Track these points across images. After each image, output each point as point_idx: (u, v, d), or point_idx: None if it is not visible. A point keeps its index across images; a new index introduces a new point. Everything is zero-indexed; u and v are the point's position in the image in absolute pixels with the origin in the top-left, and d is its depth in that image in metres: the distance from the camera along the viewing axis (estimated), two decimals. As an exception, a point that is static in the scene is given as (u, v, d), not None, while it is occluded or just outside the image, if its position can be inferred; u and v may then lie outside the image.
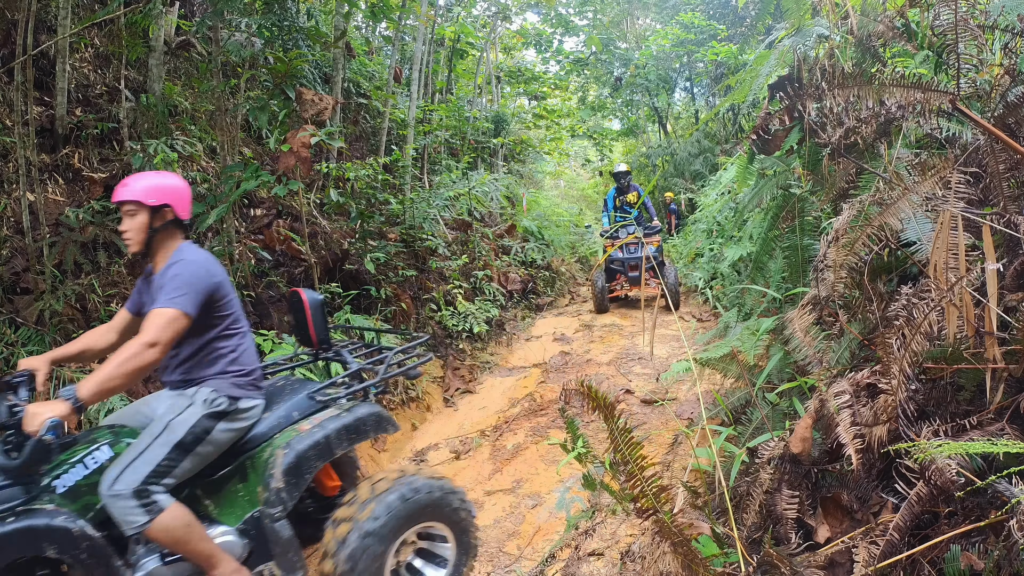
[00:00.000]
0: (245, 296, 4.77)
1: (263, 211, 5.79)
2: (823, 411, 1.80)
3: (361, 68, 9.25)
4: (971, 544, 1.42)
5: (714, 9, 17.54)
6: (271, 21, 4.97)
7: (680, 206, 14.48)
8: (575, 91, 19.56)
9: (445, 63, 11.87)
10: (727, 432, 2.39)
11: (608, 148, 21.97)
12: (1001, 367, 1.51)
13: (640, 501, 1.53)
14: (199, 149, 5.39)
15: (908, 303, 1.67)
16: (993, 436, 1.46)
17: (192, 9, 6.68)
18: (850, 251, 1.90)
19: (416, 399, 5.51)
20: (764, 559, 1.62)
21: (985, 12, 2.26)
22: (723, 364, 2.66)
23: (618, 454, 1.55)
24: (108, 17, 4.60)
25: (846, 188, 2.49)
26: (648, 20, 20.59)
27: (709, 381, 3.33)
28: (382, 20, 8.01)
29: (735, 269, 6.62)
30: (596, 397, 1.58)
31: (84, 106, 4.96)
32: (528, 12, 16.42)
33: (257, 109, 4.56)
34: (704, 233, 9.51)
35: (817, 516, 1.78)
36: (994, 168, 1.84)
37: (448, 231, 8.41)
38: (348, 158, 7.23)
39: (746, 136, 2.71)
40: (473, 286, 7.91)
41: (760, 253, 3.10)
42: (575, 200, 23.13)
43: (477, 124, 12.04)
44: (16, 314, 3.72)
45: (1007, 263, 1.71)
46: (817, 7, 3.40)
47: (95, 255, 4.32)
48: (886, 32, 2.94)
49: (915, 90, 1.79)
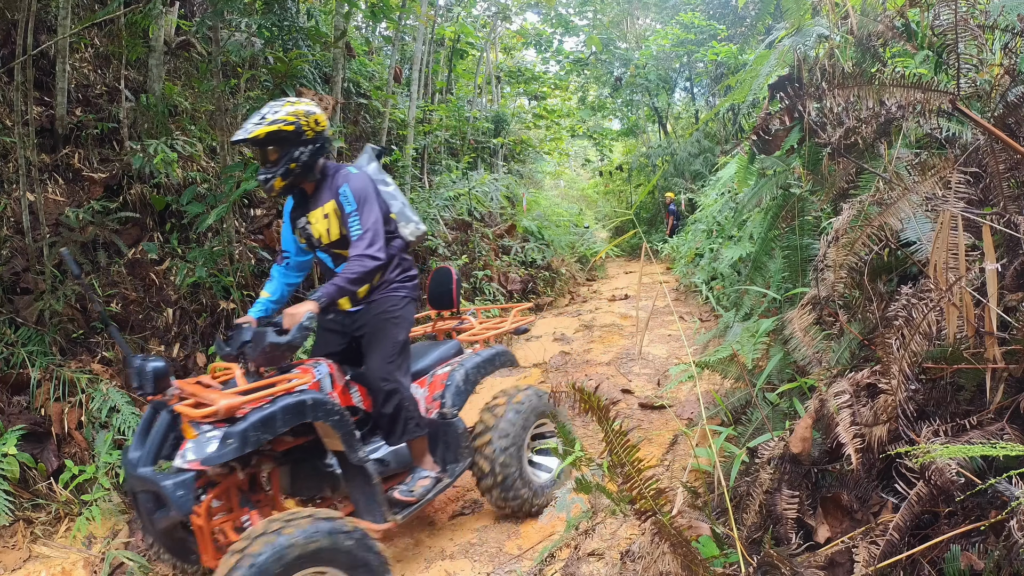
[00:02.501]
0: (245, 296, 4.77)
1: (263, 211, 5.79)
2: (823, 411, 1.80)
3: (361, 68, 9.25)
4: (971, 544, 1.42)
5: (714, 9, 17.54)
6: (271, 21, 4.97)
7: (680, 206, 14.47)
8: (575, 91, 19.57)
9: (445, 63, 11.86)
10: (727, 432, 2.39)
11: (608, 148, 21.97)
12: (1001, 367, 1.51)
13: (638, 503, 1.53)
14: (199, 149, 5.39)
15: (908, 303, 1.66)
16: (993, 436, 1.46)
17: (192, 9, 6.67)
18: (850, 251, 1.90)
19: (416, 399, 5.50)
20: (764, 559, 1.62)
21: (985, 12, 2.26)
22: (723, 365, 2.66)
23: (614, 456, 1.54)
24: (108, 17, 4.60)
25: (846, 188, 2.49)
26: (648, 20, 20.59)
27: (709, 381, 3.33)
28: (382, 20, 8.01)
29: (735, 269, 6.62)
30: (589, 399, 1.56)
31: (84, 106, 4.95)
32: (528, 12, 16.43)
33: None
34: (704, 233, 9.51)
35: (817, 516, 1.78)
36: (994, 168, 1.83)
37: (448, 231, 8.41)
38: (348, 158, 7.23)
39: (746, 136, 2.71)
40: (473, 286, 7.91)
41: (759, 253, 3.10)
42: (575, 200, 23.13)
43: (477, 124, 12.04)
44: (16, 314, 3.72)
45: (1007, 263, 1.70)
46: (817, 7, 3.40)
47: (95, 255, 4.32)
48: (886, 32, 2.94)
49: (915, 90, 1.79)
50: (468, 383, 3.07)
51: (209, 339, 4.53)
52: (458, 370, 3.07)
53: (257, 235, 5.55)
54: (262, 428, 2.14)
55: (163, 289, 4.55)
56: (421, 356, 3.17)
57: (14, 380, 3.50)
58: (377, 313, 2.77)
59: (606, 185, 23.29)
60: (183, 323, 4.50)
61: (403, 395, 2.70)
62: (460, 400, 3.01)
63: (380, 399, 2.68)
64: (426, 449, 2.90)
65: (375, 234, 2.54)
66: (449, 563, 3.00)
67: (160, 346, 4.28)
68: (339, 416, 2.40)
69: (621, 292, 10.51)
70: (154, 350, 4.23)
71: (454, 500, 3.77)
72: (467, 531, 3.28)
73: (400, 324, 2.78)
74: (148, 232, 4.76)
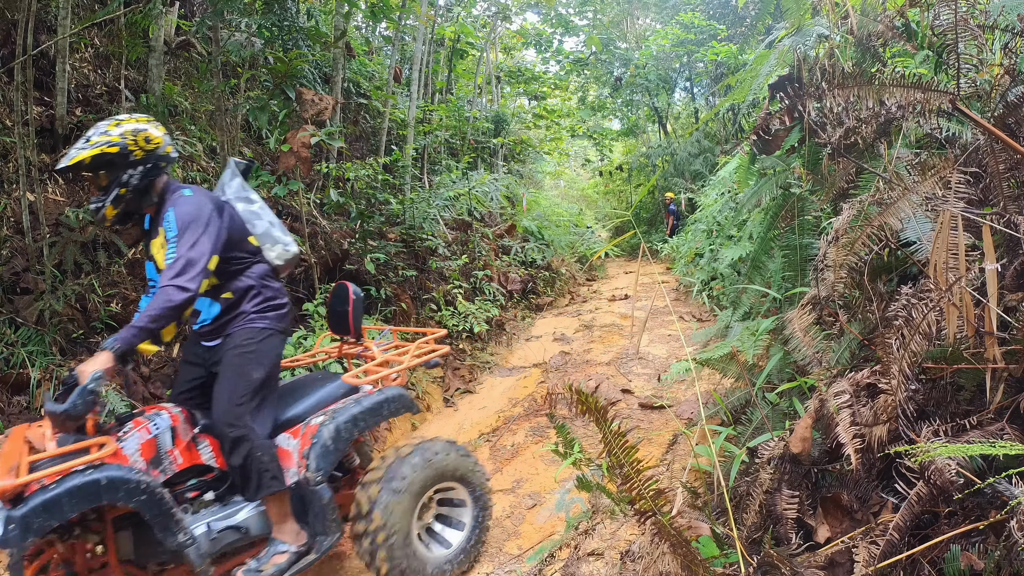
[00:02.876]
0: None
1: (263, 211, 5.78)
2: (823, 411, 1.80)
3: (361, 68, 9.25)
4: (971, 544, 1.42)
5: (714, 9, 17.55)
6: (271, 21, 4.97)
7: (680, 206, 14.47)
8: (575, 91, 19.57)
9: (445, 63, 11.87)
10: (727, 432, 2.39)
11: (608, 148, 21.98)
12: (1001, 367, 1.51)
13: (638, 503, 1.53)
14: (199, 149, 5.39)
15: (908, 303, 1.66)
16: (993, 436, 1.46)
17: (192, 9, 6.68)
18: (850, 251, 1.90)
19: (416, 399, 5.51)
20: (764, 559, 1.62)
21: (985, 12, 2.26)
22: (723, 364, 2.66)
23: (613, 457, 1.54)
24: (108, 17, 4.60)
25: (846, 188, 2.49)
26: (648, 20, 20.60)
27: (709, 381, 3.33)
28: (382, 20, 8.00)
29: (735, 269, 6.62)
30: (586, 401, 1.55)
31: (84, 106, 4.96)
32: (528, 12, 16.44)
33: (257, 109, 4.56)
34: (704, 233, 9.51)
35: (817, 516, 1.78)
36: (994, 168, 1.83)
37: (448, 231, 8.41)
38: (348, 158, 7.23)
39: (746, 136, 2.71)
40: (473, 286, 7.91)
41: (759, 253, 3.10)
42: (575, 200, 23.14)
43: (477, 124, 12.04)
44: (16, 314, 3.72)
45: (1007, 263, 1.70)
46: (817, 7, 3.40)
47: (95, 255, 4.32)
48: (886, 32, 2.94)
49: (915, 90, 1.79)
50: (339, 441, 2.47)
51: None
52: (327, 424, 2.48)
53: (257, 235, 5.55)
54: (45, 514, 1.83)
55: (163, 289, 4.55)
56: (297, 398, 2.65)
57: (14, 380, 3.50)
58: (230, 348, 2.41)
59: (606, 185, 23.30)
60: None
61: (254, 443, 2.32)
62: (327, 463, 2.43)
63: (227, 448, 2.32)
64: (288, 513, 2.44)
65: (187, 263, 2.19)
66: (449, 563, 3.00)
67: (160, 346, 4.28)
68: (146, 496, 2.02)
69: (621, 292, 10.51)
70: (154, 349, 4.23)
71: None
72: (467, 531, 3.28)
73: (256, 360, 2.40)
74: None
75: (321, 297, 5.12)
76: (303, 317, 5.04)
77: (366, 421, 2.58)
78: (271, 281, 2.58)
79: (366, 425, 2.58)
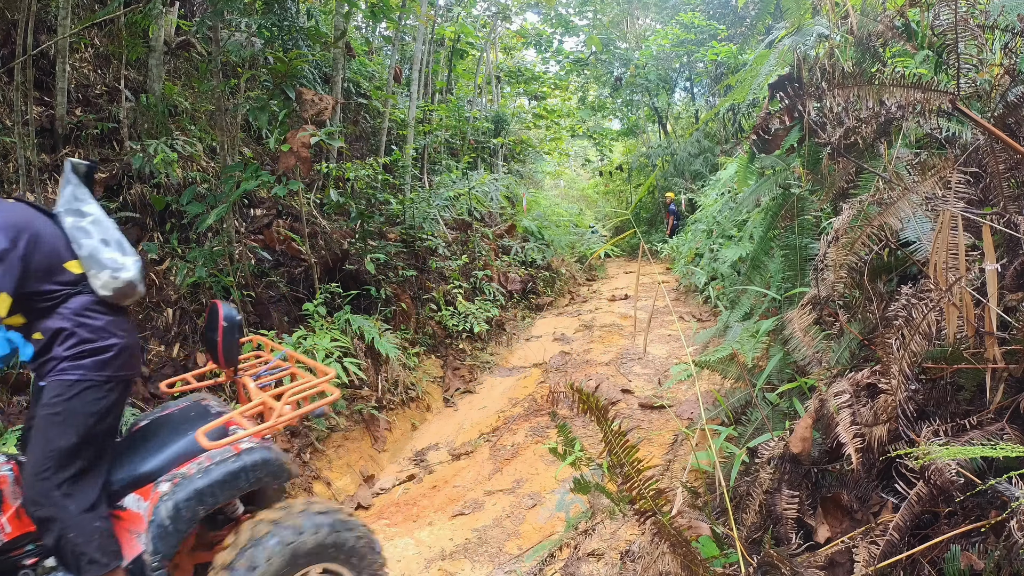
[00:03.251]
0: (245, 296, 4.77)
1: (263, 211, 5.79)
2: (823, 411, 1.80)
3: (361, 68, 9.26)
4: (971, 544, 1.42)
5: (714, 9, 17.55)
6: (271, 21, 4.98)
7: (680, 206, 14.47)
8: (575, 91, 19.58)
9: (445, 63, 11.87)
10: (727, 432, 2.39)
11: (608, 148, 21.99)
12: (1001, 367, 1.51)
13: (638, 503, 1.53)
14: (199, 149, 5.39)
15: (908, 303, 1.66)
16: (993, 436, 1.46)
17: (192, 9, 6.68)
18: (850, 251, 1.90)
19: (416, 399, 5.51)
20: (764, 559, 1.62)
21: (985, 12, 2.26)
22: (723, 365, 2.66)
23: (613, 457, 1.54)
24: (108, 17, 4.60)
25: (846, 188, 2.49)
26: (648, 20, 20.60)
27: (709, 381, 3.33)
28: (382, 20, 8.01)
29: (735, 269, 6.63)
30: (588, 400, 1.55)
31: (84, 106, 4.96)
32: (528, 12, 16.44)
33: (257, 109, 4.56)
34: (704, 233, 9.51)
35: (817, 516, 1.78)
36: (994, 168, 1.83)
37: (448, 231, 8.41)
38: (348, 158, 7.24)
39: (746, 136, 2.71)
40: (473, 286, 7.91)
41: (759, 252, 3.10)
42: (575, 200, 23.14)
43: (477, 124, 12.05)
44: None
45: (1007, 263, 1.70)
46: (817, 7, 3.40)
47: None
48: (886, 32, 2.94)
49: (915, 90, 1.79)
50: (178, 521, 1.98)
51: (209, 339, 4.52)
52: (166, 500, 1.99)
53: (257, 235, 5.55)
54: None
55: (163, 289, 4.55)
56: (155, 448, 2.16)
57: (14, 380, 3.51)
58: (42, 404, 1.98)
59: (606, 185, 23.30)
60: (183, 323, 4.50)
61: (65, 523, 1.90)
62: (165, 546, 1.97)
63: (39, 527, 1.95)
64: None
65: None
66: (449, 563, 3.00)
67: (160, 346, 4.28)
68: None
69: (621, 292, 10.51)
70: (154, 350, 4.23)
71: (454, 500, 3.77)
72: (467, 531, 3.29)
73: (64, 423, 1.94)
74: (148, 232, 4.76)
75: (321, 297, 5.13)
76: (303, 317, 5.04)
77: (215, 496, 2.03)
78: (93, 317, 2.06)
79: (215, 500, 2.04)
